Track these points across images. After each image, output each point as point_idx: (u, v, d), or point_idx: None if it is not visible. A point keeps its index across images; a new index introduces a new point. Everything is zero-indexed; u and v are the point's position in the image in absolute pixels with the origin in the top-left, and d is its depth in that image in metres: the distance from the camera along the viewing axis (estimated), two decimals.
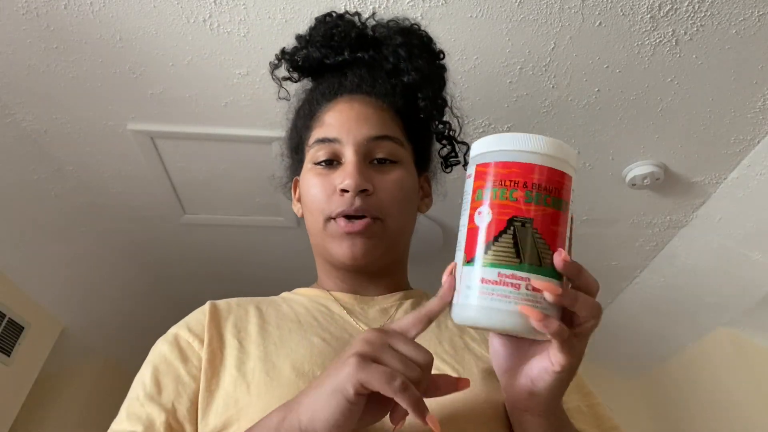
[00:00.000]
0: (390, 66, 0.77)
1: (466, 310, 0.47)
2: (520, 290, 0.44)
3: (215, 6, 1.15)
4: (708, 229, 1.73)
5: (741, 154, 1.48)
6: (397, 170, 0.72)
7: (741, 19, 1.14)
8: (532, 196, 0.45)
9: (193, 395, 0.61)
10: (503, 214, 0.46)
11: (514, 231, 0.45)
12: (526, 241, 0.45)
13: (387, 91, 0.76)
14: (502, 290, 0.45)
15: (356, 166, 0.68)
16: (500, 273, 0.45)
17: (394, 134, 0.73)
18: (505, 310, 0.44)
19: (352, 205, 0.67)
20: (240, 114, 1.43)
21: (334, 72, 0.79)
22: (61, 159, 1.58)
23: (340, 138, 0.71)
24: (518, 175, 0.46)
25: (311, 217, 0.72)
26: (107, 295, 2.21)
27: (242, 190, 1.72)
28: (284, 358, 0.61)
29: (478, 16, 1.17)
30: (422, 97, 0.76)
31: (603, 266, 2.02)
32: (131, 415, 0.59)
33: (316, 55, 0.79)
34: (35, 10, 1.15)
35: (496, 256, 0.45)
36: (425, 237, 1.88)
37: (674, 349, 2.39)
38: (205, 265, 2.16)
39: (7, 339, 1.91)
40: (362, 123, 0.71)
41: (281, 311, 0.71)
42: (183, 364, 0.63)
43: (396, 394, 0.43)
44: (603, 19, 1.16)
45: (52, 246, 1.88)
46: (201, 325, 0.67)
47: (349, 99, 0.74)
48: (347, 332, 0.67)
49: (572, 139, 1.48)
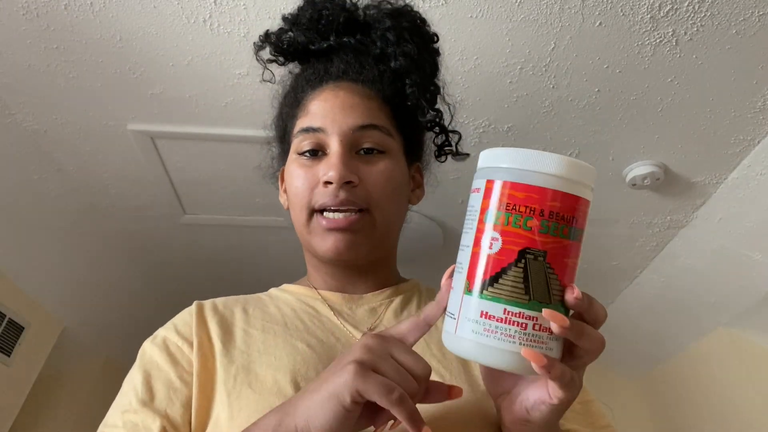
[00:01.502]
0: (377, 51, 0.73)
1: (462, 343, 0.43)
2: (527, 330, 0.40)
3: (215, 6, 1.15)
4: (708, 229, 1.73)
5: (741, 154, 1.48)
6: (385, 160, 0.68)
7: (741, 19, 1.14)
8: (549, 227, 0.40)
9: (185, 401, 0.60)
10: (515, 244, 0.41)
11: (526, 264, 0.40)
12: (538, 277, 0.40)
13: (374, 77, 0.72)
14: (506, 329, 0.40)
15: (341, 157, 0.65)
16: (506, 310, 0.40)
17: (382, 123, 0.70)
18: (507, 351, 0.41)
19: (336, 197, 0.64)
20: (240, 114, 1.43)
21: (320, 57, 0.76)
22: (61, 159, 1.58)
23: (324, 127, 0.67)
24: (535, 201, 0.40)
25: (294, 211, 0.70)
26: (107, 295, 2.21)
27: (242, 190, 1.72)
28: (267, 367, 0.61)
29: (478, 16, 1.17)
30: (410, 84, 0.72)
31: (603, 266, 2.02)
32: (127, 423, 0.58)
33: (300, 39, 0.75)
34: (35, 11, 1.15)
35: (503, 291, 0.41)
36: (425, 237, 1.88)
37: (674, 349, 2.38)
38: (205, 265, 2.17)
39: (7, 339, 1.91)
40: (348, 112, 0.68)
41: (268, 312, 0.70)
42: (173, 368, 0.62)
43: (393, 406, 0.43)
44: (603, 20, 1.16)
45: (53, 246, 1.88)
46: (189, 327, 0.66)
47: (334, 87, 0.71)
48: (334, 336, 0.66)
49: (572, 139, 1.48)
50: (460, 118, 1.45)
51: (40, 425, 2.27)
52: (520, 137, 1.48)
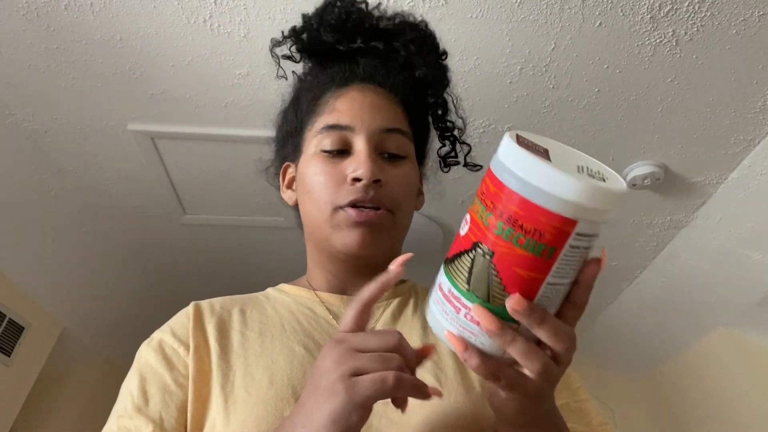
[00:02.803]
0: (402, 59, 0.75)
1: (428, 308, 0.45)
2: (459, 315, 0.41)
3: (215, 6, 1.15)
4: (708, 229, 1.73)
5: (741, 155, 1.48)
6: (406, 165, 0.70)
7: (741, 20, 1.14)
8: (504, 230, 0.39)
9: (180, 404, 0.60)
10: (474, 234, 0.41)
11: (474, 257, 0.41)
12: (480, 273, 0.40)
13: (400, 83, 0.74)
14: (446, 306, 0.42)
15: (370, 155, 0.66)
16: (450, 289, 0.42)
17: (405, 128, 0.72)
18: (442, 326, 0.43)
19: (366, 194, 0.64)
20: (240, 114, 1.43)
21: (344, 58, 0.76)
22: (61, 159, 1.58)
23: (353, 125, 0.68)
24: (500, 200, 0.39)
25: (314, 206, 0.68)
26: (107, 295, 2.22)
27: (242, 190, 1.72)
28: (264, 371, 0.61)
29: (478, 17, 1.17)
30: (432, 93, 0.75)
31: None
32: (121, 428, 0.58)
33: (328, 38, 0.75)
34: (36, 11, 1.15)
35: (453, 271, 0.42)
36: (425, 237, 1.88)
37: (674, 349, 2.38)
38: (205, 265, 2.17)
39: (7, 339, 1.91)
40: (376, 113, 0.69)
41: (265, 314, 0.69)
42: (169, 372, 0.62)
43: (396, 391, 0.43)
44: (603, 20, 1.16)
45: (53, 246, 1.88)
46: (185, 330, 0.66)
47: (362, 87, 0.72)
48: (330, 336, 0.66)
49: (572, 140, 1.48)
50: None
51: (40, 425, 2.27)
52: None
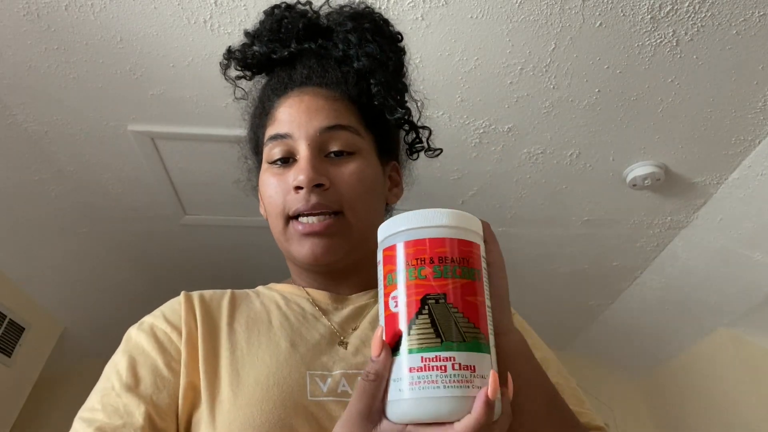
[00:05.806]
0: (339, 53, 0.74)
1: (399, 406, 0.42)
2: (447, 372, 0.41)
3: (216, 7, 1.16)
4: (709, 229, 1.73)
5: (742, 155, 1.48)
6: (355, 161, 0.68)
7: (741, 20, 1.14)
8: (441, 271, 0.42)
9: (172, 390, 0.59)
10: (417, 294, 0.42)
11: (430, 310, 0.42)
12: (444, 319, 0.41)
13: (338, 79, 0.72)
14: (427, 376, 0.41)
15: (309, 160, 0.65)
16: (423, 357, 0.41)
17: (348, 123, 0.70)
18: (435, 397, 0.41)
19: (308, 201, 0.64)
20: (240, 114, 1.43)
21: (284, 66, 0.76)
22: (61, 160, 1.58)
23: (291, 133, 0.68)
24: (424, 251, 0.43)
25: (271, 220, 0.70)
26: (108, 296, 2.22)
27: (242, 190, 1.72)
28: (249, 368, 0.60)
29: (478, 17, 1.17)
30: (375, 83, 0.72)
31: (604, 267, 2.02)
32: (107, 406, 0.57)
33: (262, 50, 0.76)
34: (36, 12, 1.15)
35: (415, 341, 0.41)
36: None
37: (675, 350, 2.38)
38: (205, 265, 2.17)
39: (7, 340, 1.91)
40: (313, 115, 0.68)
41: (253, 309, 0.69)
42: (161, 355, 0.61)
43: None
44: (603, 20, 1.16)
45: (53, 247, 1.88)
46: (177, 316, 0.65)
47: (299, 92, 0.71)
48: (318, 332, 0.66)
49: (572, 140, 1.48)
50: (460, 119, 1.45)
51: (40, 425, 2.27)
52: (520, 138, 1.48)
